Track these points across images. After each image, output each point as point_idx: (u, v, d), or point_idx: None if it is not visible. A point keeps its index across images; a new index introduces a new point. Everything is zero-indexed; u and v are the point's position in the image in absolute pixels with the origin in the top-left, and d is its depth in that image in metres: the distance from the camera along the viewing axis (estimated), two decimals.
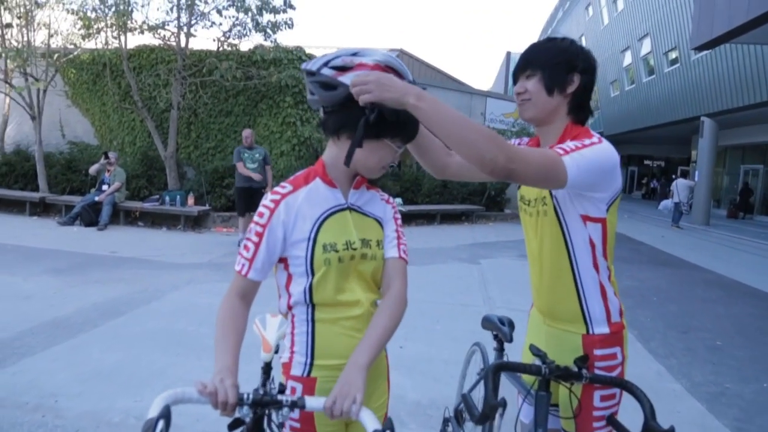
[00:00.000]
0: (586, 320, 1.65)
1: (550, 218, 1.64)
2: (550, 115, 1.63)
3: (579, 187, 1.50)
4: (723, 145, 21.82)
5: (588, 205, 1.57)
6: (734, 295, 7.56)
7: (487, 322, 2.39)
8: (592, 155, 1.46)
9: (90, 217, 9.88)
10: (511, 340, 2.22)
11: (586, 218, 1.59)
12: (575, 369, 1.54)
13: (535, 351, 1.61)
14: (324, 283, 1.43)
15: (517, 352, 2.00)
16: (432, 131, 1.39)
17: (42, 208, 11.12)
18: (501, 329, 2.25)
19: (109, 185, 10.18)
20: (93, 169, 10.33)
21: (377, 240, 1.53)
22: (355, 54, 1.38)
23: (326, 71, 1.39)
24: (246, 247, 1.43)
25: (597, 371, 1.62)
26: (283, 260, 1.47)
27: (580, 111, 1.65)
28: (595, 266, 1.63)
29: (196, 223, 10.73)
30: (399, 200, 12.43)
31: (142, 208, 10.53)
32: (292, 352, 1.48)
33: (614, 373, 1.64)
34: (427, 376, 3.92)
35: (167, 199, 10.63)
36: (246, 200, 8.62)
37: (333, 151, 1.50)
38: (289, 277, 1.47)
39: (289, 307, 1.48)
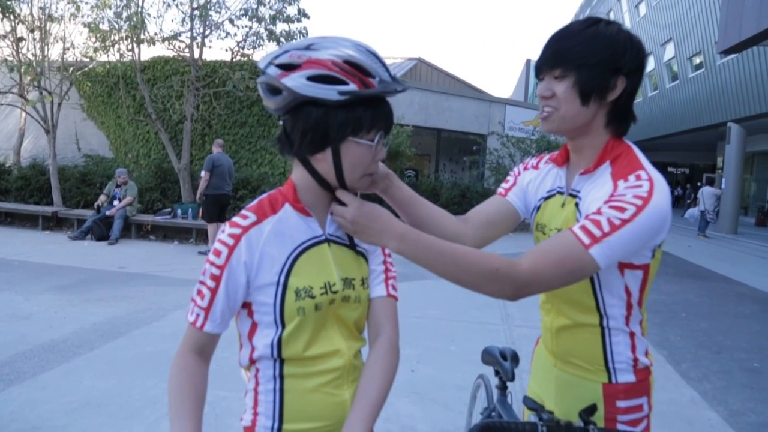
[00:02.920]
0: (608, 368, 1.33)
1: None
2: (583, 128, 1.29)
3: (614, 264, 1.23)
4: (750, 152, 21.15)
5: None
6: None
7: (487, 356, 2.11)
8: (633, 231, 1.12)
9: (101, 231, 9.75)
10: (512, 379, 1.94)
11: (624, 266, 1.26)
12: (580, 424, 1.21)
13: (530, 404, 1.29)
14: (297, 336, 1.16)
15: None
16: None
17: (55, 223, 11.02)
18: (502, 365, 1.98)
19: (120, 199, 10.07)
20: (101, 200, 10.24)
21: (362, 278, 1.25)
22: (308, 47, 1.10)
23: (271, 70, 1.11)
24: (200, 293, 1.15)
25: (620, 426, 1.31)
26: (246, 305, 1.19)
27: (621, 121, 1.30)
28: (627, 315, 1.32)
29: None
30: None
31: (153, 221, 10.37)
32: (256, 414, 1.21)
33: (639, 428, 1.33)
34: (438, 404, 3.65)
35: (179, 212, 10.48)
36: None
37: (301, 170, 1.20)
38: (254, 326, 1.19)
39: (252, 361, 1.21)
